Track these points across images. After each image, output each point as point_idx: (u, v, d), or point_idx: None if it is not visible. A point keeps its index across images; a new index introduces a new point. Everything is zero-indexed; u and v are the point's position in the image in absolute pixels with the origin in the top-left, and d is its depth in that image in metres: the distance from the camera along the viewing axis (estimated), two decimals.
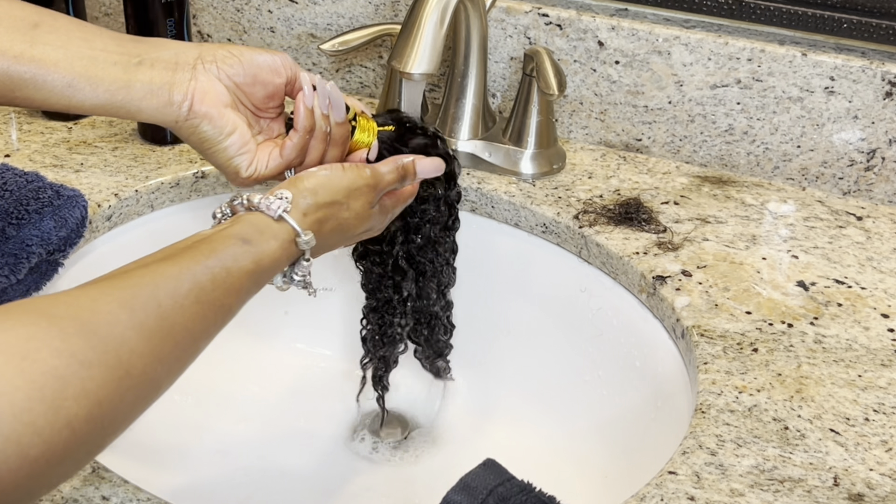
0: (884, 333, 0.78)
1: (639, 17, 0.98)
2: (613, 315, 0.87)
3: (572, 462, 0.87)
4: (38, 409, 0.41)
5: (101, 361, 0.45)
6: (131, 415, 0.49)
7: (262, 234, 0.61)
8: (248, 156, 0.70)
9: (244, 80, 0.69)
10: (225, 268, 0.56)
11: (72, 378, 0.43)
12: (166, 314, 0.51)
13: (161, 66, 0.66)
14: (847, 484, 0.64)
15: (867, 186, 0.96)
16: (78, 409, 0.43)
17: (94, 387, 0.44)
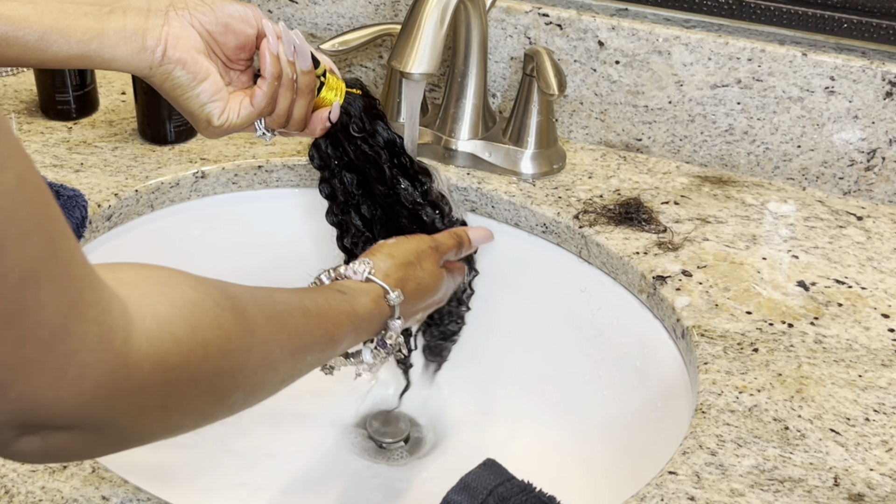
0: (884, 333, 0.78)
1: (639, 16, 0.98)
2: (613, 315, 0.87)
3: (572, 462, 0.87)
4: (178, 323, 0.43)
5: (232, 309, 0.48)
6: (255, 379, 0.50)
7: (355, 290, 0.66)
8: (220, 103, 0.69)
9: (216, 28, 0.69)
10: (327, 303, 0.61)
11: (208, 310, 0.46)
12: (279, 312, 0.54)
13: (133, 12, 0.66)
14: (847, 484, 0.64)
15: (867, 186, 0.96)
16: (213, 337, 0.45)
17: (227, 325, 0.47)
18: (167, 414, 0.44)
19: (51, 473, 0.62)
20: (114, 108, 1.02)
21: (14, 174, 0.33)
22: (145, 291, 0.43)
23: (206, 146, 0.96)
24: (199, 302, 0.45)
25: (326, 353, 0.60)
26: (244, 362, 0.49)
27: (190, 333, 0.44)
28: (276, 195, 0.97)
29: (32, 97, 1.01)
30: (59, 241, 0.36)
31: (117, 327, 0.39)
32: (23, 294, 0.34)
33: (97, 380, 0.38)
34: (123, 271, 0.44)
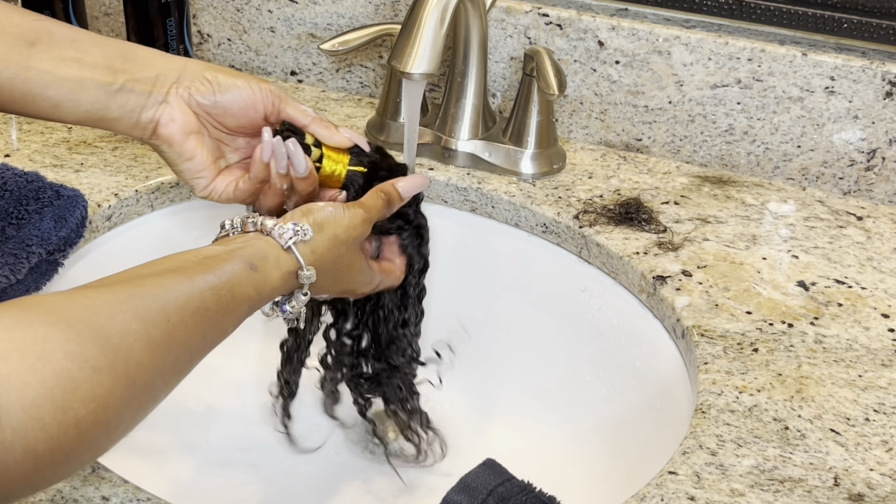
0: (884, 333, 0.78)
1: (639, 16, 0.98)
2: (613, 315, 0.87)
3: (572, 462, 0.87)
4: (47, 408, 0.42)
5: (111, 369, 0.47)
6: (132, 422, 0.51)
7: (268, 262, 0.63)
8: (203, 181, 0.74)
9: (214, 110, 0.72)
10: (230, 291, 0.59)
11: (82, 382, 0.45)
12: (172, 329, 0.53)
13: (139, 88, 0.70)
14: (847, 484, 0.64)
15: (867, 186, 0.96)
16: (86, 412, 0.44)
17: (102, 392, 0.46)
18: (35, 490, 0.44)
19: None
20: None
21: None
22: (14, 370, 0.42)
23: None
24: (74, 375, 0.44)
25: (215, 345, 0.59)
26: (122, 417, 0.48)
27: (60, 416, 0.43)
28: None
29: None
30: None
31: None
32: None
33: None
34: None
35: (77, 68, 0.68)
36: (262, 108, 0.73)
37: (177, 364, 0.54)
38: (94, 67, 0.68)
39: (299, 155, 0.71)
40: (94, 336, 0.47)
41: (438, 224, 0.86)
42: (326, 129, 0.74)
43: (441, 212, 0.95)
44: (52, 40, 0.67)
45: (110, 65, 0.69)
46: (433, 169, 0.96)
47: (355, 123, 1.03)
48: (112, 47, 0.70)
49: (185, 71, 0.71)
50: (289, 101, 0.74)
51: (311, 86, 1.10)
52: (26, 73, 0.66)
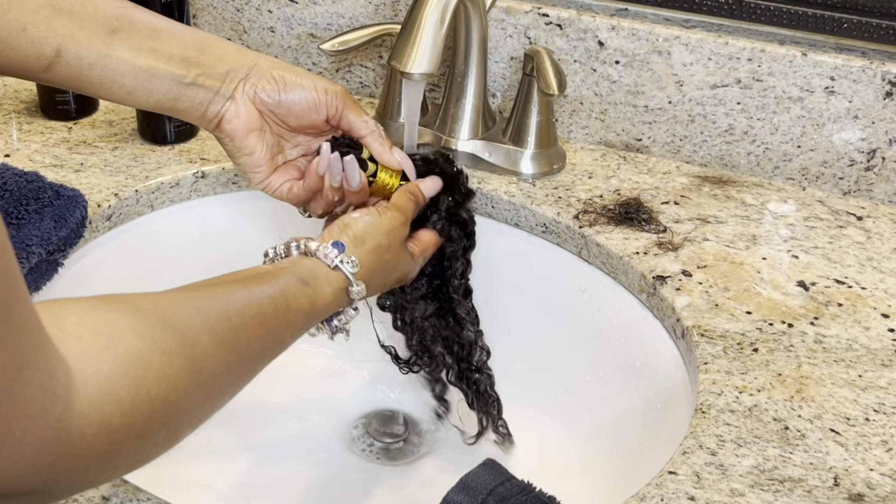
0: (884, 333, 0.78)
1: (639, 16, 0.98)
2: (613, 315, 0.87)
3: (572, 462, 0.87)
4: (121, 382, 0.43)
5: (179, 353, 0.48)
6: (201, 413, 0.52)
7: (318, 279, 0.65)
8: (259, 175, 0.76)
9: (278, 109, 0.74)
10: (286, 301, 0.61)
11: (153, 361, 0.46)
12: (234, 328, 0.54)
13: (209, 83, 0.72)
14: (847, 484, 0.64)
15: (867, 186, 0.96)
16: (158, 390, 0.45)
17: (172, 373, 0.47)
18: (113, 470, 0.45)
19: None
20: (114, 108, 1.02)
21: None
22: (88, 347, 0.42)
23: (207, 146, 0.96)
24: (144, 354, 0.45)
25: (277, 353, 0.61)
26: (191, 403, 0.49)
27: (133, 392, 0.43)
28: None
29: (32, 97, 1.01)
30: (13, 302, 0.36)
31: (60, 393, 0.39)
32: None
33: (38, 447, 0.38)
34: (69, 320, 0.43)
35: (154, 59, 0.70)
36: (325, 111, 0.75)
37: (241, 364, 0.55)
38: (170, 59, 0.70)
39: (354, 171, 0.74)
40: (161, 322, 0.48)
41: None
42: (381, 146, 0.77)
43: None
44: (132, 29, 0.69)
45: (186, 57, 0.71)
46: None
47: None
48: (189, 39, 0.72)
49: (254, 68, 0.73)
50: (352, 107, 0.76)
51: None
52: (106, 60, 0.68)
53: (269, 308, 0.58)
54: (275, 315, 0.59)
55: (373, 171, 0.76)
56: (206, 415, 0.53)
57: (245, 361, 0.56)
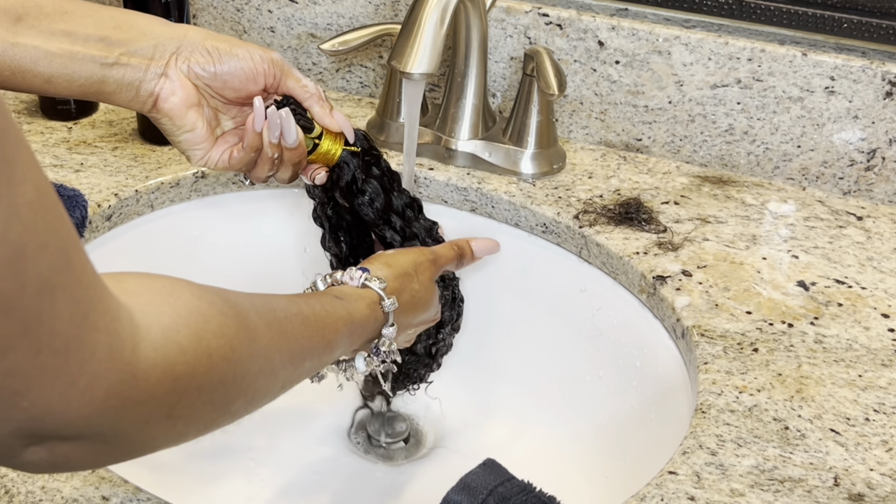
0: (884, 333, 0.78)
1: (639, 16, 0.98)
2: (613, 315, 0.87)
3: (572, 462, 0.87)
4: (183, 332, 0.44)
5: (235, 316, 0.48)
6: (256, 386, 0.51)
7: (351, 296, 0.66)
8: (200, 151, 0.73)
9: (213, 82, 0.71)
10: (324, 309, 0.61)
11: (212, 319, 0.46)
12: (279, 319, 0.54)
13: (136, 62, 0.68)
14: (847, 484, 0.64)
15: (867, 186, 0.96)
16: (217, 346, 0.46)
17: (230, 333, 0.47)
18: (172, 423, 0.45)
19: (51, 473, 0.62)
20: (114, 108, 1.02)
21: (33, 186, 0.34)
22: (150, 301, 0.43)
23: None
24: (203, 311, 0.46)
25: (323, 358, 0.61)
26: (247, 370, 0.49)
27: (195, 342, 0.44)
28: (277, 195, 0.97)
29: (32, 97, 1.01)
30: (73, 251, 0.36)
31: (126, 337, 0.39)
32: (40, 304, 0.34)
33: (107, 389, 0.38)
34: (127, 280, 0.44)
35: (69, 42, 0.66)
36: (263, 80, 0.72)
37: (291, 352, 0.55)
38: (87, 40, 0.67)
39: (291, 125, 0.71)
40: (214, 292, 0.48)
41: None
42: (322, 108, 0.74)
43: (441, 212, 0.95)
44: (40, 13, 0.66)
45: (104, 36, 0.67)
46: (433, 169, 0.96)
47: (355, 123, 1.03)
48: (107, 17, 0.68)
49: (184, 40, 0.70)
50: (290, 73, 0.73)
51: None
52: (13, 49, 0.64)
53: (309, 311, 0.59)
54: (315, 319, 0.59)
55: (318, 133, 0.74)
56: (261, 393, 0.53)
57: (294, 352, 0.56)
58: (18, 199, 0.33)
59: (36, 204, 0.34)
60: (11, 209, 0.32)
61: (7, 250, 0.32)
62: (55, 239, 0.35)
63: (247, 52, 0.71)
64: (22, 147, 0.33)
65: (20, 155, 0.33)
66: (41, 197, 0.34)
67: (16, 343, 0.34)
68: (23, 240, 0.33)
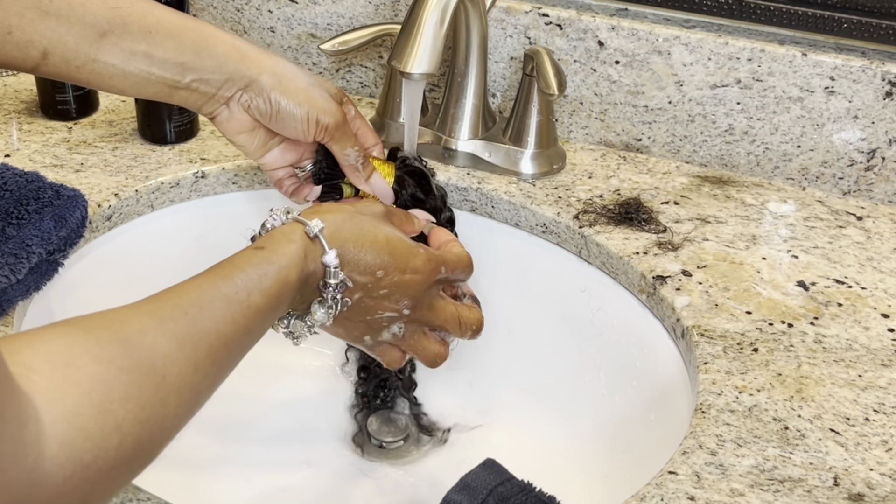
0: (884, 333, 0.78)
1: (639, 16, 0.98)
2: (613, 315, 0.87)
3: (572, 462, 0.87)
4: (88, 414, 0.42)
5: (138, 367, 0.46)
6: (175, 422, 0.50)
7: (275, 240, 0.61)
8: (252, 157, 0.79)
9: (268, 123, 0.75)
10: (244, 273, 0.56)
11: (114, 382, 0.44)
12: (194, 321, 0.52)
13: (205, 88, 0.72)
14: (847, 484, 0.64)
15: (867, 186, 0.96)
16: (125, 413, 0.44)
17: (135, 391, 0.45)
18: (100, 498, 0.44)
19: None
20: (114, 108, 1.02)
21: None
22: (50, 379, 0.41)
23: (207, 146, 0.96)
24: (104, 377, 0.44)
25: (256, 331, 0.57)
26: (162, 417, 0.47)
27: (101, 420, 0.42)
28: (276, 195, 0.97)
29: (32, 97, 1.01)
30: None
31: (31, 443, 0.38)
32: None
33: (13, 500, 0.37)
34: (23, 353, 0.42)
35: (146, 64, 0.68)
36: (312, 137, 0.75)
37: (212, 353, 0.52)
38: (164, 64, 0.69)
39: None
40: (113, 338, 0.46)
41: None
42: (357, 177, 0.78)
43: None
44: (125, 31, 0.67)
45: (182, 63, 0.69)
46: (433, 169, 0.96)
47: None
48: (188, 41, 0.70)
49: (253, 83, 0.72)
50: (338, 139, 0.75)
51: None
52: (93, 65, 0.67)
53: (227, 286, 0.55)
54: (236, 290, 0.55)
55: (352, 194, 0.80)
56: (183, 420, 0.51)
57: (218, 351, 0.52)
58: None
59: None
60: None
61: None
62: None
63: (306, 112, 0.73)
64: None
65: None
66: None
67: None
68: None
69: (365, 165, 0.78)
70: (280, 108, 0.73)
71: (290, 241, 0.61)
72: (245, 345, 0.56)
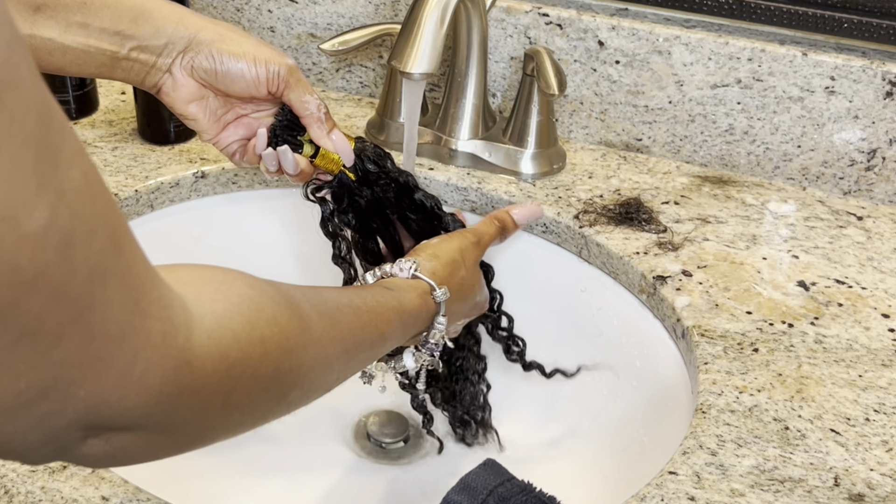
0: (884, 333, 0.78)
1: (639, 16, 0.98)
2: (614, 315, 0.87)
3: (572, 462, 0.87)
4: (237, 319, 0.44)
5: (288, 306, 0.48)
6: (312, 376, 0.51)
7: (402, 287, 0.66)
8: (207, 135, 0.75)
9: (215, 82, 0.72)
10: (375, 300, 0.61)
11: (265, 307, 0.46)
12: (331, 309, 0.54)
13: (145, 56, 0.70)
14: (847, 484, 0.64)
15: (867, 186, 0.96)
16: (270, 333, 0.46)
17: (283, 321, 0.47)
18: (229, 412, 0.45)
19: (50, 473, 0.62)
20: (114, 108, 1.02)
21: (80, 171, 0.33)
22: (203, 289, 0.43)
23: (206, 146, 0.96)
24: (256, 299, 0.46)
25: (377, 349, 0.61)
26: (301, 359, 0.49)
27: (249, 330, 0.44)
28: (277, 195, 0.97)
29: None
30: (123, 237, 0.36)
31: (179, 324, 0.39)
32: (91, 290, 0.34)
33: (163, 377, 0.38)
34: (179, 271, 0.44)
35: (83, 35, 0.67)
36: (265, 88, 0.72)
37: (344, 343, 0.55)
38: (102, 34, 0.68)
39: (289, 160, 0.73)
40: (266, 282, 0.48)
41: None
42: (319, 129, 0.74)
43: None
44: (58, 4, 0.66)
45: (119, 31, 0.68)
46: (433, 169, 0.96)
47: (355, 123, 1.03)
48: (124, 9, 0.69)
49: (193, 41, 0.70)
50: (294, 86, 0.73)
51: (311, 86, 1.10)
52: (31, 40, 0.65)
53: (360, 302, 0.58)
54: (367, 308, 0.59)
55: (312, 153, 0.74)
56: (317, 383, 0.53)
57: (348, 342, 0.55)
58: (66, 184, 0.32)
59: (83, 189, 0.33)
60: (59, 195, 0.31)
61: (55, 236, 0.31)
62: (104, 225, 0.34)
63: (252, 58, 0.71)
64: (67, 133, 0.33)
65: (66, 141, 0.32)
66: (88, 183, 0.33)
67: (69, 331, 0.33)
68: (71, 225, 0.32)
69: (327, 118, 0.75)
70: (224, 61, 0.71)
71: (419, 297, 0.66)
72: (365, 358, 0.60)
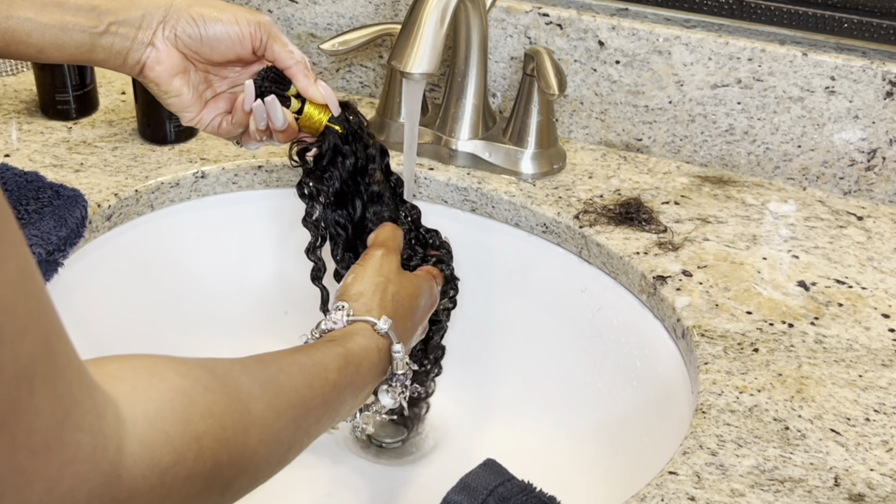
0: (884, 333, 0.78)
1: (639, 16, 0.98)
2: (614, 315, 0.87)
3: (573, 462, 0.87)
4: (169, 419, 0.42)
5: (223, 391, 0.46)
6: (256, 459, 0.49)
7: (344, 334, 0.65)
8: (189, 114, 0.74)
9: (200, 48, 0.72)
10: (320, 352, 0.60)
11: (198, 398, 0.44)
12: (274, 376, 0.53)
13: (124, 31, 0.70)
14: (848, 484, 0.64)
15: (868, 186, 0.96)
16: (205, 427, 0.44)
17: (218, 410, 0.45)
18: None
19: None
20: (114, 107, 1.02)
21: (16, 266, 0.32)
22: (134, 385, 0.41)
23: (207, 146, 0.96)
24: (188, 390, 0.44)
25: (331, 404, 0.59)
26: (242, 446, 0.47)
27: (182, 428, 0.42)
28: (276, 195, 0.97)
29: (32, 97, 1.01)
30: (56, 341, 0.34)
31: (111, 435, 0.37)
32: (17, 395, 0.32)
33: (89, 492, 0.36)
34: (109, 365, 0.42)
35: (60, 12, 0.67)
36: (250, 43, 0.72)
37: (292, 409, 0.53)
38: (78, 11, 0.68)
39: (277, 112, 0.72)
40: (198, 364, 0.46)
41: (438, 224, 0.86)
42: (305, 78, 0.74)
43: (441, 212, 0.95)
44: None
45: (95, 6, 0.68)
46: (433, 169, 0.96)
47: None
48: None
49: (171, 8, 0.70)
50: (277, 37, 0.73)
51: None
52: (7, 21, 0.66)
53: (304, 357, 0.57)
54: (312, 363, 0.57)
55: (298, 108, 0.74)
56: (264, 461, 0.50)
57: (296, 408, 0.54)
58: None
59: (18, 285, 0.31)
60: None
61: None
62: (36, 326, 0.32)
63: (232, 15, 0.71)
64: (7, 223, 0.31)
65: (5, 231, 0.31)
66: (24, 278, 0.32)
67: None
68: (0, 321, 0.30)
69: (311, 70, 0.75)
70: (207, 23, 0.71)
71: (363, 337, 0.66)
72: (322, 416, 0.58)
